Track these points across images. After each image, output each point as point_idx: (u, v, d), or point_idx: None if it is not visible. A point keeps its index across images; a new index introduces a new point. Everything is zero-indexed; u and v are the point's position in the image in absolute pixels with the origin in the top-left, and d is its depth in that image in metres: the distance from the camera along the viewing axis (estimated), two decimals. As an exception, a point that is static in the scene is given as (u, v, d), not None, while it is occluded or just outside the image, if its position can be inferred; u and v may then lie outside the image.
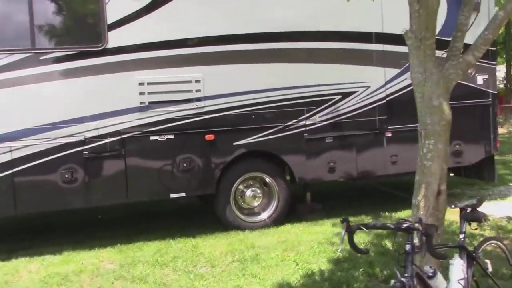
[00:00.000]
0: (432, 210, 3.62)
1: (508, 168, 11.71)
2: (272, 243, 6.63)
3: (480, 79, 8.27)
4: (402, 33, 4.07)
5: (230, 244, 6.65)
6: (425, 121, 3.77)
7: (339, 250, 5.33)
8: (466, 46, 4.78)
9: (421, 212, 3.57)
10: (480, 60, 8.10)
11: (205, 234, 7.11)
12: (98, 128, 6.60)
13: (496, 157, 14.04)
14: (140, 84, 6.71)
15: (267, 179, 7.44)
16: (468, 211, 3.45)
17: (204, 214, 8.16)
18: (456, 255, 3.31)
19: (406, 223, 2.74)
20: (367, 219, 7.60)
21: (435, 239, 3.42)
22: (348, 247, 2.92)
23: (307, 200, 8.11)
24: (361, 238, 6.37)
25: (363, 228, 2.85)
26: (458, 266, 3.21)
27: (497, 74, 30.84)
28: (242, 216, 7.33)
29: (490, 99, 8.35)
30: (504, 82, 33.08)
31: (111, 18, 6.57)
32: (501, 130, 24.65)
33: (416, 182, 3.83)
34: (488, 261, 3.58)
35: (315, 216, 7.78)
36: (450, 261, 3.29)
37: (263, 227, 7.33)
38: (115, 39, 6.59)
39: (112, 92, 6.64)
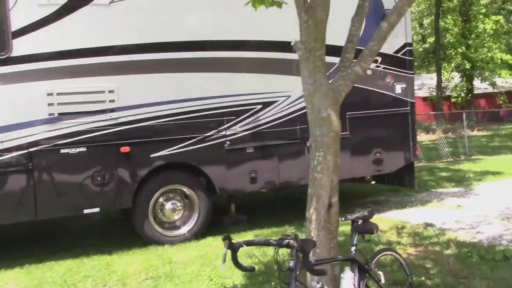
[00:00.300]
0: (324, 223, 3.56)
1: (432, 175, 12.06)
2: (190, 257, 6.44)
3: (398, 88, 8.45)
4: (292, 43, 4.00)
5: (146, 260, 6.40)
6: (315, 132, 3.72)
7: (220, 269, 5.23)
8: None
9: (313, 226, 3.50)
10: (398, 69, 8.34)
11: (122, 251, 6.84)
12: (2, 142, 6.21)
13: (422, 164, 14.60)
14: (49, 94, 6.38)
15: (188, 192, 7.25)
16: (359, 223, 3.42)
17: (124, 228, 7.86)
18: (347, 268, 3.26)
19: (287, 239, 2.65)
20: (290, 230, 7.56)
21: (327, 253, 3.37)
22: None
23: (232, 212, 7.99)
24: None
25: (244, 245, 2.73)
26: (348, 280, 3.15)
27: (430, 82, 32.01)
28: (161, 230, 7.10)
29: (408, 108, 8.54)
30: (436, 89, 34.52)
31: (15, 25, 6.22)
32: (433, 137, 25.60)
33: (308, 195, 3.77)
34: (381, 273, 3.56)
35: (239, 228, 7.66)
36: (341, 275, 3.24)
37: (183, 241, 7.12)
38: (20, 47, 6.24)
39: (18, 103, 6.27)
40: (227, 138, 7.32)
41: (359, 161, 8.19)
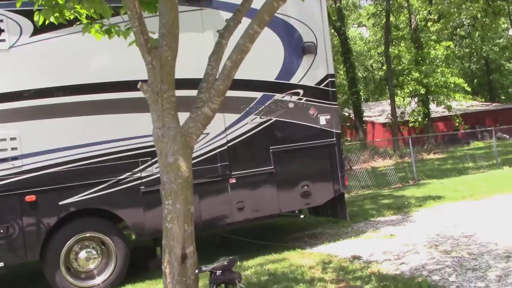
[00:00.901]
0: (179, 276, 3.33)
1: (375, 203, 11.97)
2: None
3: (323, 119, 8.38)
4: (138, 86, 3.84)
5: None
6: (163, 179, 3.53)
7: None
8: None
9: (168, 280, 3.26)
10: (322, 101, 8.29)
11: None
12: None
13: (369, 191, 14.52)
14: None
15: (103, 238, 6.93)
16: (217, 274, 3.19)
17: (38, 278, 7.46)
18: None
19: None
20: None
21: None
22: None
23: (158, 255, 7.66)
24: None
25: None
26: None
27: (389, 108, 32.17)
28: (74, 281, 6.73)
29: (334, 139, 8.46)
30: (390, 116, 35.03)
31: None
32: (389, 162, 25.79)
33: (162, 246, 3.54)
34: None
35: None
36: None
37: (100, 291, 6.77)
38: None
39: None
40: (143, 180, 7.08)
41: (286, 196, 8.03)
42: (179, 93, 7.26)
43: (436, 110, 37.85)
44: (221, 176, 7.57)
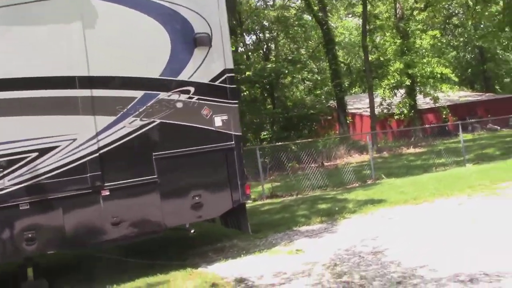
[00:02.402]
0: None
1: (312, 207, 11.03)
2: None
3: (218, 120, 7.44)
4: None
5: None
6: None
7: None
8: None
9: None
10: (217, 100, 7.35)
11: None
12: None
13: (316, 193, 13.53)
14: None
15: None
16: None
17: None
18: None
19: None
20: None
21: None
22: None
23: (29, 277, 6.79)
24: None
25: None
26: None
27: (377, 100, 31.07)
28: None
29: (233, 142, 7.51)
30: (380, 107, 33.97)
31: None
32: (365, 157, 24.76)
33: None
34: None
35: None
36: None
37: None
38: None
39: None
40: (-9, 195, 6.16)
41: (172, 208, 7.10)
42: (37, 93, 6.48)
43: (427, 101, 36.70)
44: (91, 188, 6.65)
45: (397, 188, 12.20)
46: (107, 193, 6.73)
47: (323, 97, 35.04)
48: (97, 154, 6.71)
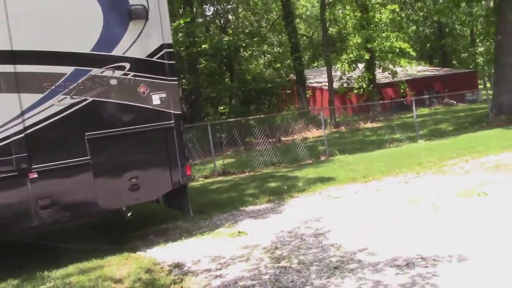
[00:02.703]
0: None
1: (262, 185, 10.84)
2: None
3: (156, 98, 7.06)
4: None
5: None
6: None
7: None
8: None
9: None
10: (155, 76, 6.96)
11: None
12: None
13: (268, 170, 13.36)
14: None
15: None
16: None
17: None
18: None
19: None
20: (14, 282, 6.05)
21: None
22: None
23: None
24: None
25: None
26: None
27: (337, 74, 30.93)
28: None
29: (172, 121, 7.16)
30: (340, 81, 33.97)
31: None
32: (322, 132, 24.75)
33: None
34: None
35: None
36: None
37: None
38: None
39: None
40: None
41: (107, 191, 6.75)
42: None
43: (386, 75, 36.89)
44: (17, 171, 6.22)
45: (348, 166, 12.14)
46: (35, 175, 6.32)
47: (283, 70, 34.71)
48: (22, 135, 6.27)
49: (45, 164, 6.38)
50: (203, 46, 23.22)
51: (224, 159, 16.63)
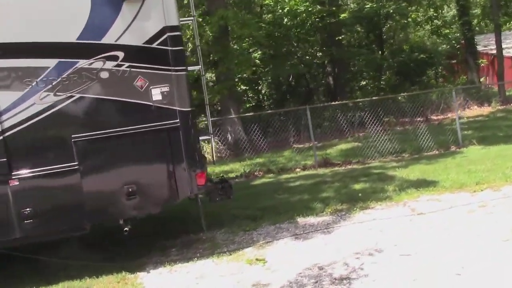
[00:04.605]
0: None
1: (343, 187, 8.97)
2: None
3: (157, 93, 5.87)
4: None
5: None
6: None
7: None
8: None
9: None
10: (155, 67, 5.82)
11: None
12: None
13: (387, 160, 11.22)
14: None
15: None
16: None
17: None
18: None
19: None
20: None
21: None
22: None
23: None
24: None
25: None
26: None
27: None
28: None
29: (177, 120, 5.90)
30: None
31: None
32: (485, 110, 20.92)
33: None
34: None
35: None
36: None
37: None
38: None
39: None
40: None
41: (98, 202, 5.83)
42: None
43: None
44: (-4, 178, 5.63)
45: (469, 163, 9.51)
46: (16, 183, 5.66)
47: (450, 37, 30.55)
48: (0, 138, 5.63)
49: (27, 171, 5.68)
50: (342, 15, 21.10)
51: (345, 144, 14.85)
